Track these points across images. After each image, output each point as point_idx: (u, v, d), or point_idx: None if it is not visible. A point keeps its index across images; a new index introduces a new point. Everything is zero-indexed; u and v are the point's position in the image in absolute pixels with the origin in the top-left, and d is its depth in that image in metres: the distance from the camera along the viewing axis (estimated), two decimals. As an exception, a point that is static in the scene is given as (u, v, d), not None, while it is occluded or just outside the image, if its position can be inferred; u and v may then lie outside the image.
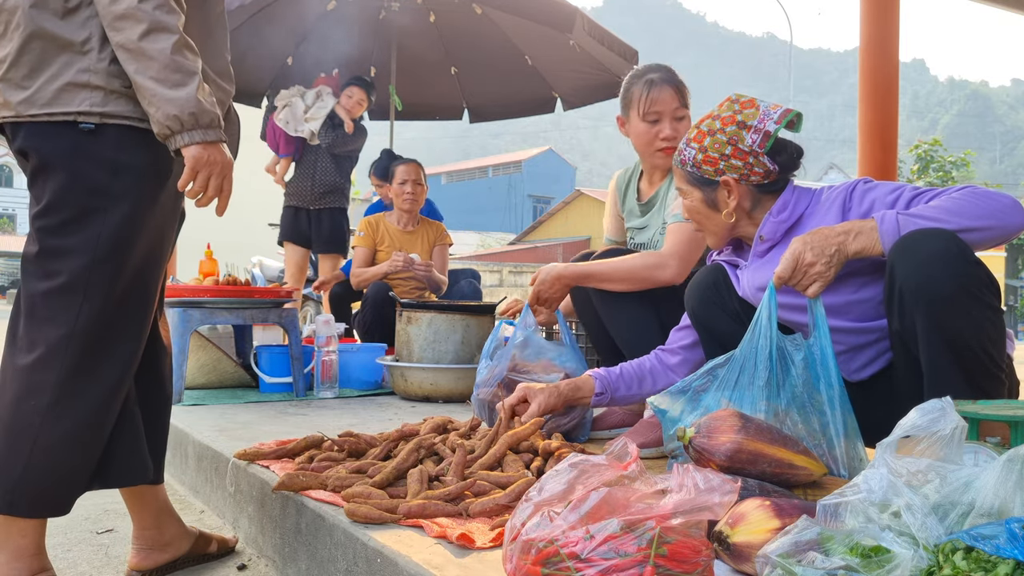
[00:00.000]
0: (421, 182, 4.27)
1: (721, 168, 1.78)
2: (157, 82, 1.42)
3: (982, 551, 0.84)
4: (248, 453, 1.91)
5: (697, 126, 1.82)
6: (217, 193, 1.54)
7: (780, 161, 1.78)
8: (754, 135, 1.75)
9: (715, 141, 1.77)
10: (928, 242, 1.49)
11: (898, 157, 5.09)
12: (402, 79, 5.72)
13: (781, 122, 1.75)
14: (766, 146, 1.75)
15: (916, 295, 1.49)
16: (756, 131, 1.75)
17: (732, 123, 1.76)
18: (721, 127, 1.77)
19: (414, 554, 1.25)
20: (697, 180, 1.82)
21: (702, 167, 1.79)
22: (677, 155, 1.85)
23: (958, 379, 1.49)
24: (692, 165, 1.81)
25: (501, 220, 43.92)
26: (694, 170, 1.81)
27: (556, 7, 4.70)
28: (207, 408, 2.88)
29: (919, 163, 22.81)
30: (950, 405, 1.03)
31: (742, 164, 1.76)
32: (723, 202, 1.80)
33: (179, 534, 1.74)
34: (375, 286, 3.99)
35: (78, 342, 1.45)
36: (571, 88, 5.91)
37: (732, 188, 1.78)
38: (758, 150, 1.75)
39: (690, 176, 1.83)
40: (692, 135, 1.82)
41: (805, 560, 0.90)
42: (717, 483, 0.99)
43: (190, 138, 1.45)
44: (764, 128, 1.74)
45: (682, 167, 1.84)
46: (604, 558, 0.95)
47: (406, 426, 1.96)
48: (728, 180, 1.77)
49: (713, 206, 1.82)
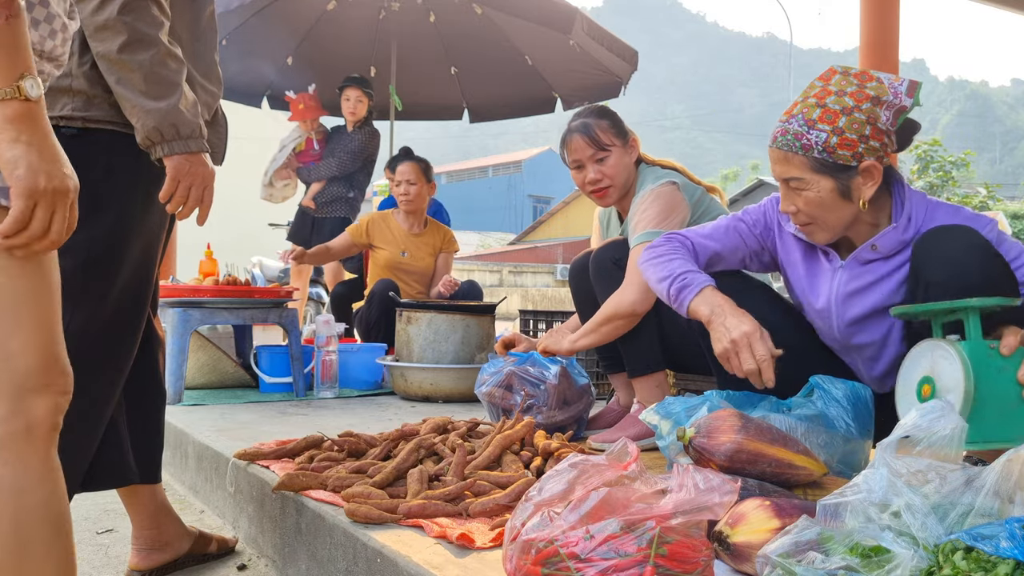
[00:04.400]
0: (415, 181, 4.24)
1: (860, 152, 1.54)
2: (137, 93, 1.42)
3: (982, 551, 0.84)
4: (248, 453, 1.91)
5: (818, 104, 1.57)
6: (197, 204, 1.54)
7: (900, 139, 1.61)
8: (887, 112, 1.56)
9: (853, 121, 1.54)
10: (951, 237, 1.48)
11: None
12: (402, 79, 5.72)
13: (913, 95, 1.56)
14: (898, 123, 1.57)
15: (945, 287, 1.46)
16: (889, 107, 1.55)
17: (866, 99, 1.55)
18: (856, 104, 1.54)
19: (414, 554, 1.25)
20: (829, 167, 1.56)
21: (837, 151, 1.54)
22: (793, 140, 1.58)
23: None
24: (822, 150, 1.55)
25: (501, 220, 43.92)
26: (825, 156, 1.55)
27: (556, 7, 4.71)
28: (207, 408, 2.88)
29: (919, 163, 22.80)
30: (950, 405, 1.03)
31: (880, 145, 1.56)
32: (858, 190, 1.58)
33: (179, 534, 1.74)
34: (382, 283, 3.96)
35: (70, 345, 1.45)
36: (571, 88, 5.91)
37: (874, 173, 1.56)
38: (892, 128, 1.57)
39: (818, 164, 1.57)
40: (814, 115, 1.56)
41: (805, 560, 0.90)
42: (717, 483, 0.99)
43: (171, 149, 1.46)
44: (899, 103, 1.56)
45: (805, 153, 1.57)
46: (604, 558, 0.95)
47: (406, 426, 1.96)
48: (870, 165, 1.55)
49: (846, 196, 1.58)
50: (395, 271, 4.19)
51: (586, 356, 3.14)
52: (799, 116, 1.58)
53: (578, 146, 2.31)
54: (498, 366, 2.29)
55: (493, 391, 2.25)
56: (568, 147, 2.34)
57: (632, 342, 2.21)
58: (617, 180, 2.30)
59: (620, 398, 2.51)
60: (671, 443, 1.55)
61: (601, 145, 2.29)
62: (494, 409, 2.29)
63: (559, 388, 2.20)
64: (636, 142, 2.37)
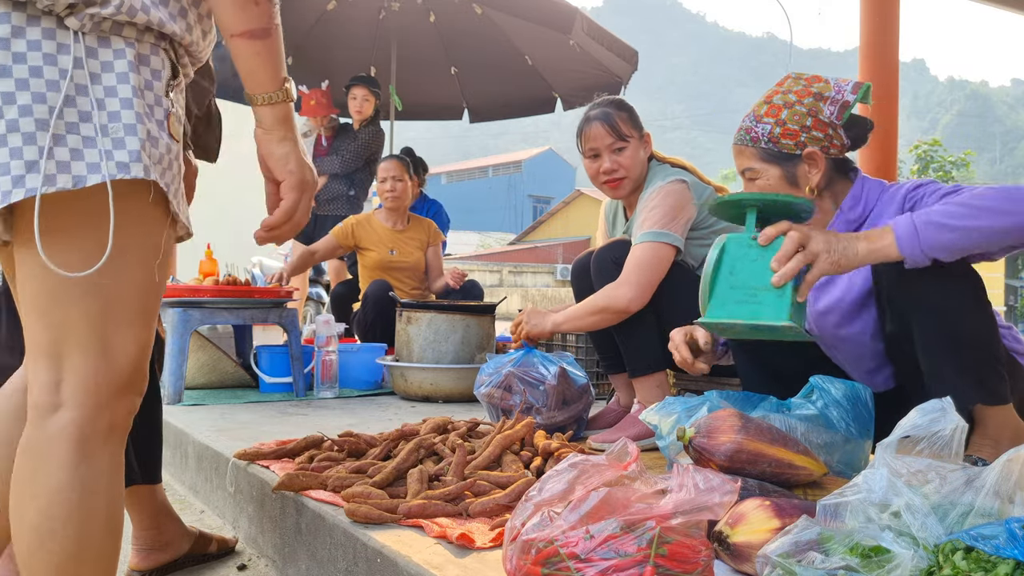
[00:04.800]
0: (400, 178, 4.23)
1: (803, 140, 1.70)
2: None
3: (982, 551, 0.84)
4: (248, 453, 1.91)
5: (766, 102, 1.75)
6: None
7: (852, 135, 1.73)
8: (831, 106, 1.69)
9: (794, 113, 1.70)
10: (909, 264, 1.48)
11: (898, 157, 5.09)
12: (402, 79, 5.72)
13: (857, 92, 1.70)
14: (843, 118, 1.70)
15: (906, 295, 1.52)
16: (833, 102, 1.69)
17: (808, 95, 1.70)
18: (797, 99, 1.70)
19: (414, 554, 1.25)
20: (774, 156, 1.72)
21: (780, 141, 1.70)
22: (743, 135, 1.76)
23: (957, 378, 1.50)
24: (768, 140, 1.71)
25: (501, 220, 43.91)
26: (770, 145, 1.71)
27: (556, 7, 4.71)
28: (207, 408, 2.88)
29: (919, 163, 22.80)
30: (950, 405, 1.03)
31: (823, 136, 1.70)
32: (804, 177, 1.71)
33: (178, 534, 1.74)
34: (376, 284, 3.96)
35: None
36: (571, 88, 5.91)
37: (817, 160, 1.70)
38: (836, 122, 1.70)
39: (765, 153, 1.72)
40: (761, 112, 1.74)
41: (805, 560, 0.90)
42: (717, 483, 0.99)
43: None
44: (842, 99, 1.69)
45: (753, 145, 1.74)
46: (604, 558, 0.95)
47: (406, 426, 1.96)
48: (812, 152, 1.69)
49: (793, 183, 1.72)
50: (386, 271, 4.19)
51: (586, 356, 3.15)
52: (751, 114, 1.76)
53: (597, 134, 2.30)
54: (497, 366, 2.29)
55: (492, 392, 2.25)
56: (586, 135, 2.33)
57: (633, 342, 2.21)
58: (632, 172, 2.31)
59: (620, 398, 2.51)
60: (671, 443, 1.55)
61: (621, 135, 2.29)
62: (494, 410, 2.29)
63: (558, 388, 2.20)
64: (649, 138, 2.38)
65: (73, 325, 0.99)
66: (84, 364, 1.00)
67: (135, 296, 1.04)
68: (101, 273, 0.97)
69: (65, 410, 0.99)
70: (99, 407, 1.01)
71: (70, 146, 0.94)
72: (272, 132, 1.09)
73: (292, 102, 1.10)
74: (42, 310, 0.99)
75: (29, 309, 1.00)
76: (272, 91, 1.07)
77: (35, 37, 0.94)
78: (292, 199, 1.10)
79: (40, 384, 1.00)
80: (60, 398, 0.99)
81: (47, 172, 0.93)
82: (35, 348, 1.00)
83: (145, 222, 1.03)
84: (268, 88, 1.07)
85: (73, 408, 0.99)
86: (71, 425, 0.99)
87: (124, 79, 0.98)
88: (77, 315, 0.99)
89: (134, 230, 1.01)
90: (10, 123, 0.93)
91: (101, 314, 1.00)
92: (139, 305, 1.04)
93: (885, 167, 4.71)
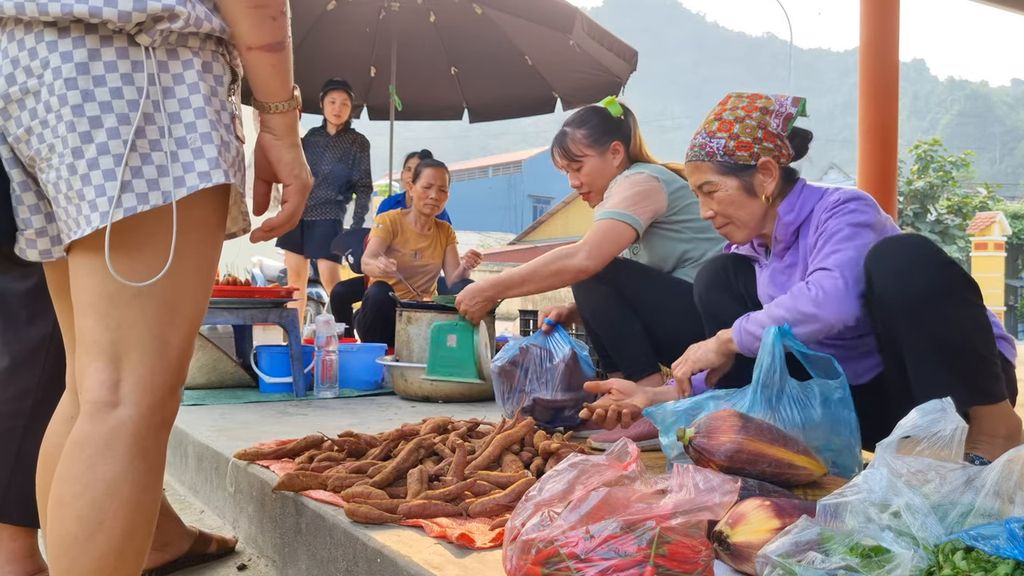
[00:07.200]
0: (445, 189, 4.26)
1: (756, 151, 1.79)
2: None
3: (982, 551, 0.84)
4: (248, 453, 1.91)
5: (716, 119, 1.83)
6: None
7: (795, 144, 1.83)
8: (776, 119, 1.80)
9: (745, 126, 1.79)
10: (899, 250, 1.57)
11: (898, 157, 5.09)
12: (402, 79, 5.72)
13: (797, 106, 1.81)
14: (787, 129, 1.81)
15: (894, 301, 1.55)
16: (777, 115, 1.80)
17: (755, 109, 1.80)
18: (746, 114, 1.80)
19: (414, 554, 1.25)
20: (731, 168, 1.80)
21: (736, 153, 1.79)
22: (699, 151, 1.83)
23: (946, 377, 1.51)
24: (723, 154, 1.79)
25: (501, 220, 43.89)
26: (726, 158, 1.80)
27: (556, 7, 4.71)
28: (207, 408, 2.88)
29: (919, 163, 22.78)
30: (950, 405, 1.03)
31: (773, 146, 1.80)
32: (760, 186, 1.80)
33: (178, 534, 1.74)
34: (376, 286, 4.00)
35: (58, 344, 1.44)
36: (571, 88, 5.91)
37: (771, 169, 1.79)
38: (783, 133, 1.80)
39: (722, 166, 1.81)
40: (713, 128, 1.82)
41: (805, 560, 0.90)
42: (717, 483, 0.99)
43: None
44: (784, 112, 1.80)
45: (710, 159, 1.81)
46: (604, 558, 0.95)
47: (406, 426, 1.96)
48: (767, 162, 1.79)
49: (751, 192, 1.81)
50: (407, 272, 4.21)
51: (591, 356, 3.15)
52: (703, 131, 1.84)
53: (555, 155, 2.49)
54: (517, 343, 2.40)
55: (504, 366, 2.35)
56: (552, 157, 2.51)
57: (623, 350, 2.30)
58: (596, 184, 2.44)
59: (620, 398, 2.53)
60: (671, 443, 1.55)
61: (572, 157, 2.44)
62: (503, 384, 2.36)
63: (566, 370, 2.29)
64: (619, 146, 2.44)
65: (132, 326, 1.02)
66: (142, 363, 1.03)
67: (191, 297, 1.07)
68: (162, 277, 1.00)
69: (124, 407, 1.02)
70: (154, 406, 1.04)
71: (156, 163, 0.99)
72: (283, 139, 1.13)
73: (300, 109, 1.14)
74: (101, 312, 1.01)
75: (86, 311, 1.03)
76: (284, 100, 1.11)
77: (110, 58, 0.97)
78: (296, 202, 1.15)
79: (98, 383, 1.02)
80: (119, 396, 1.02)
81: (139, 191, 0.98)
82: (92, 347, 1.02)
83: (208, 226, 1.07)
84: (280, 97, 1.10)
85: (131, 406, 1.02)
86: (130, 422, 1.02)
87: (195, 89, 1.01)
88: (136, 316, 1.02)
89: (194, 236, 1.05)
90: (100, 146, 0.97)
91: (159, 315, 1.03)
92: (194, 305, 1.08)
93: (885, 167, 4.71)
